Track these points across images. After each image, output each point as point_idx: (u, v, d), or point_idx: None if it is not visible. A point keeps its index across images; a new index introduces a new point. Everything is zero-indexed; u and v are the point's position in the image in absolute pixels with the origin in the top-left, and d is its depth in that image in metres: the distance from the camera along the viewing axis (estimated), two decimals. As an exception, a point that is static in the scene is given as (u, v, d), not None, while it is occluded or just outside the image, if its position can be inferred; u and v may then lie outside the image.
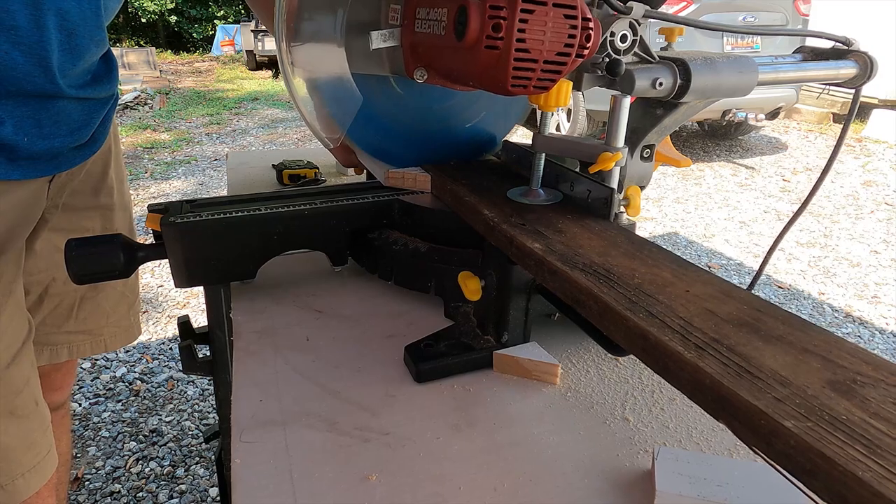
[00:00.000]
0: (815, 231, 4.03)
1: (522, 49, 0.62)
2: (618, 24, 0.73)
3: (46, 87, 0.78)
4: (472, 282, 0.72)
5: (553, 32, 0.62)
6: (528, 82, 0.64)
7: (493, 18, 0.60)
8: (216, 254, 0.78)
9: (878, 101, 6.56)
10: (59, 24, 0.75)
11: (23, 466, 0.86)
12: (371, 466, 0.57)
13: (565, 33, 0.63)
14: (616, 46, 0.74)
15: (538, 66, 0.63)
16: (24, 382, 0.87)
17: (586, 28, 0.64)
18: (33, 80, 0.76)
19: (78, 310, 1.09)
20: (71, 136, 0.87)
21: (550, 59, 0.64)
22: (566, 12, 0.62)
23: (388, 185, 0.88)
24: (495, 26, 0.60)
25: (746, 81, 0.77)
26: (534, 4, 0.61)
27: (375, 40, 0.74)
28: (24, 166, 0.82)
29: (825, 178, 0.86)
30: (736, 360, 0.40)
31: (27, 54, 0.73)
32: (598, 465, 0.58)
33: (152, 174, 4.86)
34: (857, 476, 0.30)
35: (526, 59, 0.62)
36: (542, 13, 0.61)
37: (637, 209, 0.70)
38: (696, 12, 4.97)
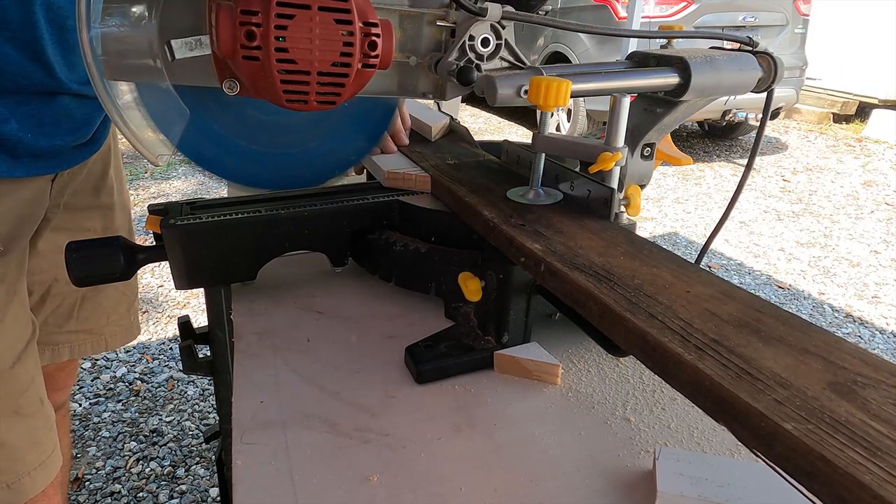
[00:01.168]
0: (815, 231, 4.03)
1: (286, 59, 0.54)
2: (477, 28, 0.69)
3: (46, 83, 0.78)
4: (473, 282, 0.72)
5: (322, 40, 0.55)
6: (305, 96, 0.57)
7: (245, 25, 0.53)
8: (216, 255, 0.78)
9: (879, 101, 6.55)
10: (50, 19, 0.75)
11: (28, 465, 0.87)
12: (372, 467, 0.57)
13: (339, 41, 0.55)
14: (478, 51, 0.71)
15: (312, 78, 0.56)
16: (28, 381, 0.88)
17: (368, 34, 0.57)
18: (31, 75, 0.76)
19: (79, 309, 1.09)
20: (73, 135, 0.87)
21: (326, 71, 0.56)
22: (337, 17, 0.55)
23: (388, 185, 0.88)
24: (248, 34, 0.53)
25: (746, 79, 0.77)
26: (293, 8, 0.53)
27: (178, 50, 0.63)
28: (27, 164, 0.82)
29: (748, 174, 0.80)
30: (736, 362, 0.40)
31: (21, 50, 0.74)
32: (599, 465, 0.58)
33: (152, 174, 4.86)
34: (858, 479, 0.30)
35: (294, 70, 0.55)
36: (305, 18, 0.53)
37: (637, 209, 0.69)
38: (696, 12, 4.96)
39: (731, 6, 5.07)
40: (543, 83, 0.65)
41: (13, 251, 0.85)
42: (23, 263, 0.89)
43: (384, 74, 0.72)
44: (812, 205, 4.48)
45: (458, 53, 0.71)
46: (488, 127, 6.36)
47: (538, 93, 0.65)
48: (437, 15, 0.71)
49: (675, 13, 4.94)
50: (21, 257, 0.88)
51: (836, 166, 5.41)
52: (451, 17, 0.72)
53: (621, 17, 4.89)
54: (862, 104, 6.69)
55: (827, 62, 6.79)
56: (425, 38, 0.73)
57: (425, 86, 0.76)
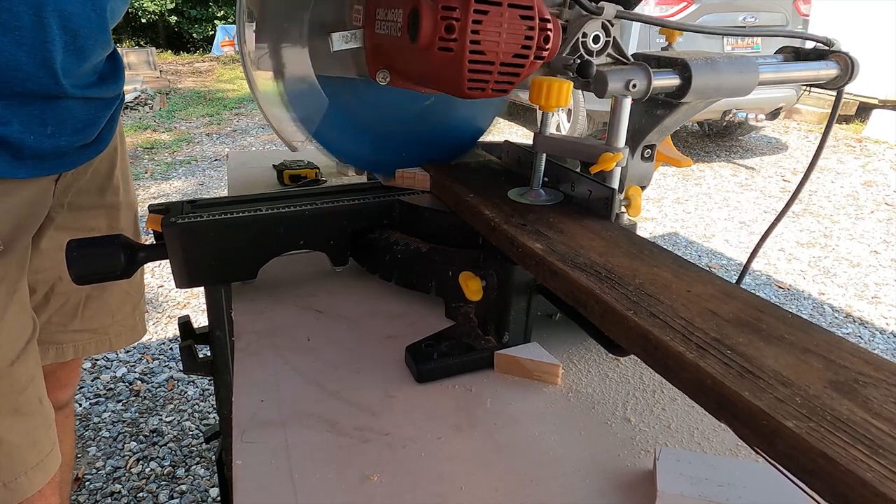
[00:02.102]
0: (815, 231, 4.03)
1: (477, 51, 0.60)
2: (590, 25, 0.72)
3: (51, 88, 0.78)
4: (473, 282, 0.72)
5: (509, 34, 0.60)
6: (485, 85, 0.63)
7: (445, 19, 0.59)
8: (217, 254, 0.78)
9: (879, 101, 6.55)
10: (63, 26, 0.76)
11: (26, 464, 0.87)
12: (372, 467, 0.57)
13: (522, 34, 0.61)
14: (589, 47, 0.73)
15: (495, 68, 0.62)
16: (28, 380, 0.88)
17: (544, 29, 0.62)
18: (38, 80, 0.76)
19: (84, 309, 1.09)
20: (76, 136, 0.87)
21: (507, 62, 0.62)
22: (522, 13, 0.60)
23: (388, 184, 0.88)
24: (448, 27, 0.59)
25: (747, 81, 0.77)
26: (488, 5, 0.59)
27: (336, 42, 0.71)
28: (30, 165, 0.82)
29: (810, 175, 0.85)
30: (737, 361, 0.40)
31: (31, 55, 0.74)
32: (600, 465, 0.58)
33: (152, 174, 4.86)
34: (859, 476, 0.30)
35: (482, 61, 0.61)
36: (497, 14, 0.59)
37: (638, 209, 0.69)
38: (697, 12, 4.96)
39: (731, 6, 5.08)
40: (545, 83, 0.65)
41: (14, 250, 0.85)
42: (24, 262, 0.89)
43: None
44: (812, 205, 4.49)
45: (570, 49, 0.73)
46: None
47: (540, 93, 0.66)
48: (552, 12, 0.74)
49: (675, 13, 4.94)
50: (22, 256, 0.88)
51: (836, 166, 5.41)
52: (564, 14, 0.74)
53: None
54: (862, 104, 6.69)
55: (827, 63, 6.78)
56: None
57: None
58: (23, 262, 0.89)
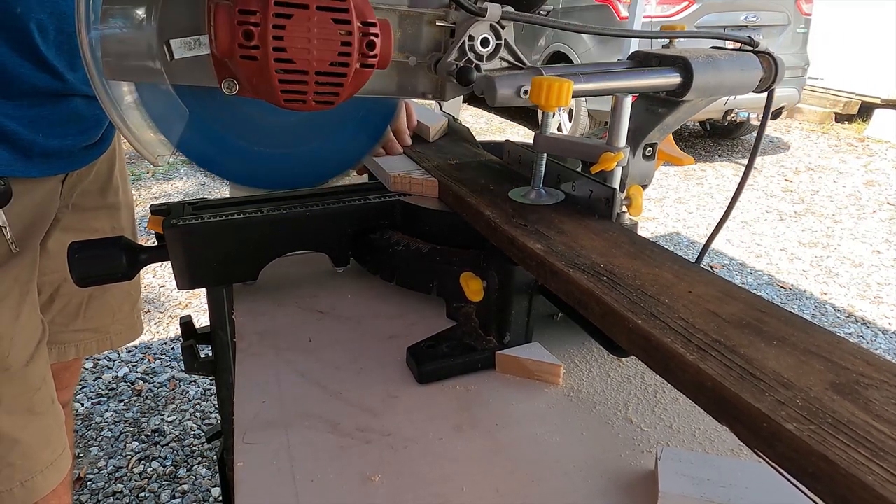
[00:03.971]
0: (817, 231, 4.03)
1: (284, 59, 0.54)
2: (477, 28, 0.69)
3: (57, 87, 0.79)
4: (474, 282, 0.72)
5: (320, 39, 0.55)
6: (303, 96, 0.57)
7: (242, 24, 0.53)
8: (218, 255, 0.78)
9: (881, 100, 6.54)
10: (58, 27, 0.77)
11: (41, 463, 0.87)
12: (373, 467, 0.57)
13: (337, 40, 0.55)
14: (477, 51, 0.70)
15: (310, 77, 0.56)
16: (41, 380, 0.88)
17: (367, 34, 0.57)
18: (42, 80, 0.77)
19: (86, 308, 1.10)
20: (83, 135, 0.89)
21: (324, 70, 0.56)
22: (335, 16, 0.55)
23: (394, 189, 0.87)
24: (246, 33, 0.53)
25: (748, 78, 0.77)
26: (291, 8, 0.53)
27: (177, 50, 0.63)
28: (39, 164, 0.83)
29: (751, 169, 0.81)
30: (738, 362, 0.40)
31: (31, 57, 0.75)
32: (601, 465, 0.58)
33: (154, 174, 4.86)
34: (860, 479, 0.29)
35: (292, 70, 0.55)
36: (303, 18, 0.53)
37: (639, 209, 0.69)
38: (698, 12, 4.96)
39: (732, 6, 5.07)
40: (545, 83, 0.65)
41: (27, 251, 0.86)
42: (35, 264, 0.90)
43: (383, 74, 0.72)
44: (814, 205, 4.48)
45: (457, 53, 0.71)
46: (490, 127, 6.36)
47: (540, 93, 0.65)
48: (437, 15, 0.71)
49: (676, 13, 4.94)
50: (33, 258, 0.89)
51: (838, 166, 5.40)
52: (450, 17, 0.71)
53: (623, 16, 4.89)
54: (864, 104, 6.67)
55: (829, 62, 6.78)
56: (425, 38, 0.73)
57: (425, 86, 0.76)
58: (34, 263, 0.90)
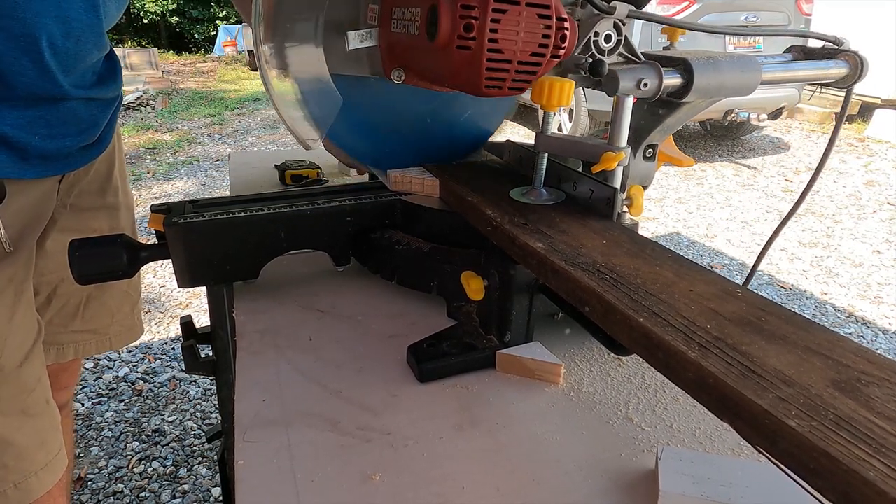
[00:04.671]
0: (817, 231, 4.03)
1: (495, 49, 0.60)
2: (602, 24, 0.72)
3: (53, 90, 0.80)
4: (475, 281, 0.72)
5: (526, 32, 0.61)
6: (502, 83, 0.63)
7: (464, 18, 0.59)
8: (219, 254, 0.78)
9: (881, 100, 6.54)
10: (66, 32, 0.77)
11: (35, 465, 0.87)
12: (373, 466, 0.57)
13: (539, 33, 0.62)
14: (600, 46, 0.73)
15: (512, 66, 0.62)
16: (35, 381, 0.88)
17: (561, 28, 0.63)
18: (40, 84, 0.78)
19: (84, 309, 1.09)
20: (80, 136, 0.88)
21: (525, 60, 0.62)
22: (540, 12, 0.61)
23: (395, 188, 0.87)
24: (467, 26, 0.59)
25: (749, 80, 0.77)
26: (506, 4, 0.59)
27: (352, 41, 0.72)
28: (36, 166, 0.83)
29: (818, 176, 0.85)
30: (739, 360, 0.40)
31: (33, 60, 0.75)
32: (601, 464, 0.58)
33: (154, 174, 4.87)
34: (862, 475, 0.29)
35: (499, 59, 0.61)
36: (515, 13, 0.60)
37: (640, 209, 0.69)
38: (698, 12, 4.96)
39: (732, 6, 5.07)
40: (547, 83, 0.65)
41: (22, 251, 0.86)
42: (30, 264, 0.90)
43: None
44: (814, 205, 4.48)
45: (582, 48, 0.73)
46: (490, 127, 6.33)
47: (541, 92, 0.66)
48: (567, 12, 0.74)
49: (676, 13, 4.94)
50: (29, 258, 0.89)
51: (838, 166, 5.40)
52: (577, 13, 0.74)
53: (623, 17, 4.89)
54: (864, 104, 6.67)
55: (829, 62, 6.77)
56: None
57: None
58: (29, 263, 0.89)
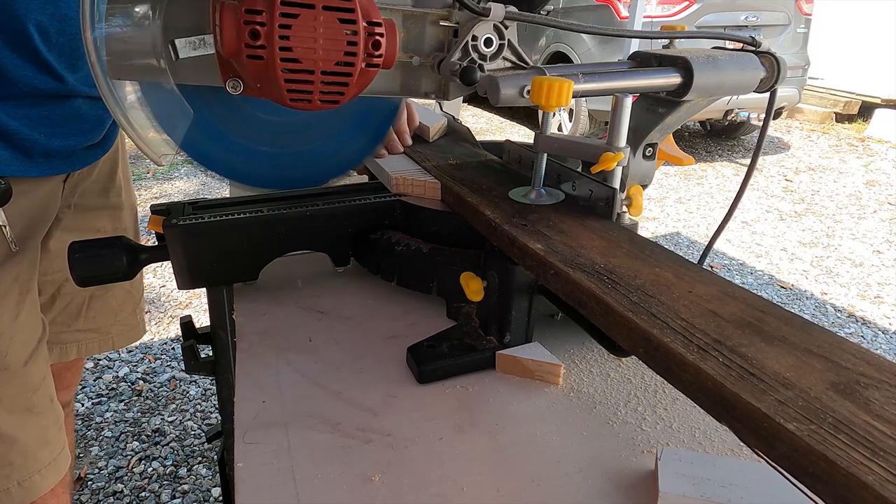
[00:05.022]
0: (817, 231, 4.02)
1: (290, 59, 0.55)
2: (480, 27, 0.69)
3: (57, 87, 0.80)
4: (475, 282, 0.72)
5: (326, 39, 0.55)
6: (309, 95, 0.58)
7: (248, 24, 0.53)
8: (218, 255, 0.78)
9: (881, 100, 6.53)
10: (61, 29, 0.77)
11: (39, 463, 0.87)
12: (373, 467, 0.57)
13: (343, 40, 0.56)
14: (480, 51, 0.71)
15: (316, 77, 0.56)
16: (40, 380, 0.88)
17: (372, 33, 0.57)
18: (43, 80, 0.78)
19: (87, 308, 1.10)
20: (85, 135, 0.89)
21: (330, 70, 0.57)
22: (341, 16, 0.55)
23: (396, 191, 0.86)
24: (252, 33, 0.53)
25: (749, 78, 0.77)
26: (297, 8, 0.54)
27: (182, 49, 0.63)
28: (40, 164, 0.83)
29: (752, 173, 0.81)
30: (738, 362, 0.40)
31: (30, 56, 0.75)
32: (601, 465, 0.58)
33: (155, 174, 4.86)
34: (860, 479, 0.29)
35: (298, 69, 0.55)
36: (310, 17, 0.54)
37: (639, 209, 0.69)
38: (698, 12, 4.96)
39: (732, 6, 5.06)
40: (545, 83, 0.65)
41: (27, 250, 0.86)
42: (35, 263, 0.90)
43: (387, 74, 0.72)
44: (814, 204, 4.47)
45: (461, 53, 0.71)
46: (490, 127, 6.36)
47: (540, 93, 0.65)
48: (440, 15, 0.72)
49: (676, 13, 4.93)
50: (34, 257, 0.89)
51: (838, 166, 5.39)
52: (454, 17, 0.72)
53: (623, 16, 4.89)
54: (865, 104, 6.67)
55: (829, 62, 6.78)
56: (428, 38, 0.73)
57: (428, 85, 0.76)
58: (34, 262, 0.90)
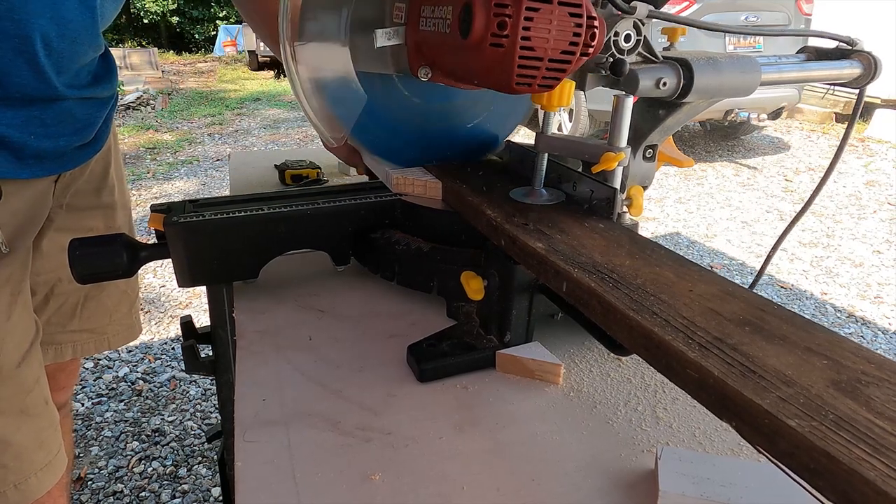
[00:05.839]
0: (817, 231, 4.03)
1: (527, 47, 0.61)
2: (622, 24, 0.73)
3: (47, 91, 0.79)
4: (475, 281, 0.72)
5: (558, 30, 0.62)
6: (532, 80, 0.64)
7: (498, 16, 0.60)
8: (219, 254, 0.78)
9: (881, 100, 6.54)
10: (61, 33, 0.77)
11: (35, 465, 0.87)
12: (373, 466, 0.57)
13: (570, 31, 0.63)
14: (620, 46, 0.74)
15: (543, 64, 0.63)
16: (34, 381, 0.88)
17: (591, 26, 0.64)
18: (36, 85, 0.78)
19: (82, 309, 1.09)
20: (76, 136, 0.88)
21: (555, 58, 0.63)
22: (571, 10, 0.62)
23: (396, 191, 0.87)
24: (500, 24, 0.60)
25: (749, 81, 0.77)
26: (539, 2, 0.60)
27: (380, 38, 0.73)
28: (31, 165, 0.83)
29: (828, 179, 0.86)
30: (739, 360, 0.40)
31: (29, 62, 0.75)
32: (601, 464, 0.58)
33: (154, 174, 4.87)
34: (862, 475, 0.29)
35: (531, 57, 0.62)
36: (548, 11, 0.61)
37: (639, 209, 0.69)
38: (699, 12, 4.96)
39: (733, 6, 5.07)
40: (546, 82, 0.65)
41: (18, 251, 0.86)
42: (27, 264, 0.90)
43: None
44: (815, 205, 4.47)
45: (602, 48, 0.73)
46: (490, 127, 6.33)
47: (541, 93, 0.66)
48: None
49: (677, 13, 4.93)
50: (25, 258, 0.89)
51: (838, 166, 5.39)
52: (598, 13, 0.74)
53: (623, 17, 4.88)
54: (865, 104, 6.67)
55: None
56: None
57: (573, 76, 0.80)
58: (26, 263, 0.89)
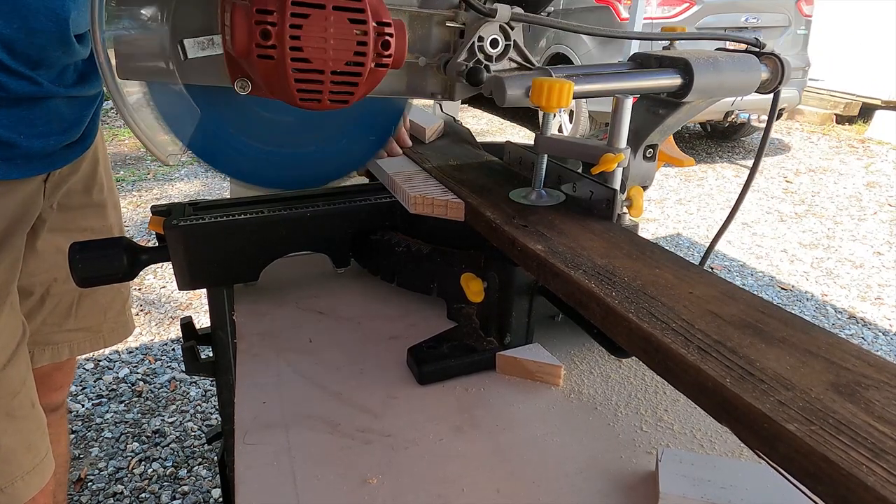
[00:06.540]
0: (817, 232, 4.02)
1: (301, 58, 0.55)
2: (486, 28, 0.69)
3: (32, 90, 0.80)
4: (475, 283, 0.72)
5: (337, 39, 0.55)
6: (318, 95, 0.58)
7: (260, 24, 0.53)
8: (219, 256, 0.78)
9: (882, 102, 6.53)
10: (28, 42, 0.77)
11: (22, 468, 0.86)
12: (373, 468, 0.57)
13: (353, 40, 0.56)
14: (486, 52, 0.71)
15: (326, 77, 0.57)
16: (20, 384, 0.88)
17: (382, 33, 0.57)
18: (17, 84, 0.79)
19: (77, 308, 1.09)
20: (64, 134, 0.89)
21: (340, 70, 0.57)
22: (351, 16, 0.55)
23: (415, 212, 0.79)
24: (263, 33, 0.54)
25: (749, 80, 0.77)
26: (308, 8, 0.54)
27: (190, 49, 0.64)
28: (20, 165, 0.83)
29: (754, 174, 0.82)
30: (739, 363, 0.40)
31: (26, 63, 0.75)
32: (601, 466, 0.58)
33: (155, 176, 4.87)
34: (861, 480, 0.29)
35: (308, 69, 0.56)
36: (320, 17, 0.54)
37: (640, 210, 0.69)
38: (699, 13, 4.96)
39: (733, 7, 5.07)
40: (546, 84, 0.65)
41: (7, 252, 0.86)
42: (16, 265, 0.89)
43: (394, 74, 0.72)
44: (815, 206, 4.47)
45: (467, 54, 0.71)
46: (490, 128, 6.36)
47: (541, 94, 0.65)
48: (447, 16, 0.72)
49: (677, 14, 4.94)
50: (14, 260, 0.89)
51: (839, 167, 5.39)
52: (460, 17, 0.72)
53: (623, 18, 4.89)
54: (865, 105, 6.67)
55: (830, 63, 6.78)
56: (434, 38, 0.74)
57: (434, 86, 0.77)
58: (15, 265, 0.89)
